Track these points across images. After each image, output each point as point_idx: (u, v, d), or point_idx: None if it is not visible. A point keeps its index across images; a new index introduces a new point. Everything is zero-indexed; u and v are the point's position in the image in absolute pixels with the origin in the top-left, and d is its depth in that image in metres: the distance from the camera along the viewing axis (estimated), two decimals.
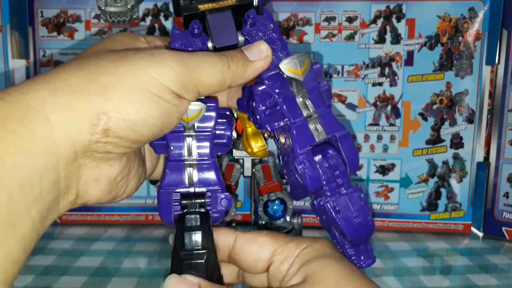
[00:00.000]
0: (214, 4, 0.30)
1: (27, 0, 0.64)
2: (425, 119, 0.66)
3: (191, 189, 0.30)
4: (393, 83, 0.66)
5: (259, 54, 0.29)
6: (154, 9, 0.64)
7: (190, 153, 0.30)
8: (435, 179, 0.66)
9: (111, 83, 0.25)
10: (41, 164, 0.23)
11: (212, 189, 0.30)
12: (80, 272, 0.50)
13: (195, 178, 0.30)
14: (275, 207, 0.53)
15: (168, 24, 0.65)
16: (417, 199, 0.66)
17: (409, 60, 0.65)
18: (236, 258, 0.30)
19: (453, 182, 0.66)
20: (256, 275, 0.31)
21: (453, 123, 0.66)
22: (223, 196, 0.30)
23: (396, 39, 0.65)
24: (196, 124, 0.30)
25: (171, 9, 0.65)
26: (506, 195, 0.63)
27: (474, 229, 0.66)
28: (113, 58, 0.26)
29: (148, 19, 0.64)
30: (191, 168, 0.30)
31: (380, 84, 0.66)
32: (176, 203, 0.30)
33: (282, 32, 0.65)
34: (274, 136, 0.31)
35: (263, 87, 0.29)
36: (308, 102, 0.29)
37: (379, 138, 0.66)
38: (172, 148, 0.30)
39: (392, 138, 0.66)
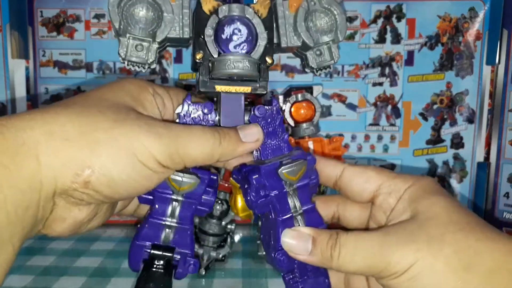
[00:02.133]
0: (231, 88, 0.32)
1: (26, 0, 0.64)
2: (425, 119, 0.66)
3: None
4: (393, 83, 0.65)
5: (251, 137, 0.32)
6: None
7: (172, 215, 0.32)
8: (436, 179, 0.66)
9: (104, 140, 0.27)
10: (26, 198, 0.25)
11: (183, 252, 0.32)
12: (79, 272, 0.50)
13: (171, 238, 0.32)
14: None
15: None
16: None
17: (410, 60, 0.65)
18: (342, 186, 0.34)
19: (454, 182, 0.66)
20: (355, 217, 0.35)
21: (454, 123, 0.65)
22: (192, 262, 0.32)
23: (397, 39, 0.65)
24: (185, 192, 0.32)
25: None
26: (507, 195, 0.63)
27: None
28: (113, 117, 0.28)
29: None
30: (169, 229, 0.32)
31: (381, 84, 0.66)
32: (146, 251, 0.32)
33: None
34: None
35: (260, 178, 0.32)
36: (297, 200, 0.33)
37: (380, 138, 0.66)
38: (157, 206, 0.32)
39: (393, 138, 0.66)
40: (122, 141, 0.27)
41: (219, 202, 0.51)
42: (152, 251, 0.31)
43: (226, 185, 0.53)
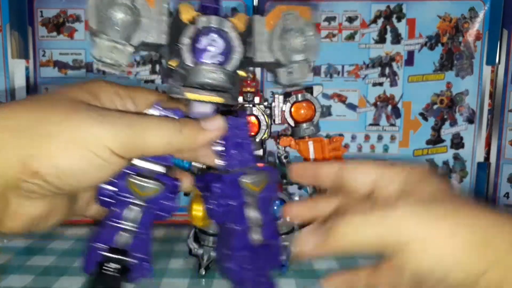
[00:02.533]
0: (202, 97, 0.32)
1: (26, 0, 0.64)
2: (425, 119, 0.66)
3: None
4: (393, 83, 0.65)
5: (213, 125, 0.32)
6: None
7: (131, 220, 0.32)
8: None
9: (54, 132, 0.27)
10: None
11: (139, 256, 0.32)
12: (79, 272, 0.49)
13: (127, 242, 0.32)
14: (275, 207, 0.53)
15: None
16: None
17: (410, 60, 0.65)
18: (340, 183, 0.33)
19: (454, 182, 0.66)
20: None
21: (454, 123, 0.65)
22: (147, 267, 0.32)
23: (397, 39, 0.65)
24: (147, 197, 0.32)
25: None
26: (507, 195, 0.63)
27: None
28: (64, 110, 0.28)
29: None
30: (126, 233, 0.32)
31: (381, 84, 0.65)
32: (101, 254, 0.31)
33: None
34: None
35: (222, 186, 0.32)
36: (257, 212, 0.33)
37: (380, 138, 0.66)
38: (116, 210, 0.32)
39: (393, 138, 0.66)
40: (71, 132, 0.27)
41: None
42: (106, 254, 0.31)
43: None
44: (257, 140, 0.52)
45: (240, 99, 0.52)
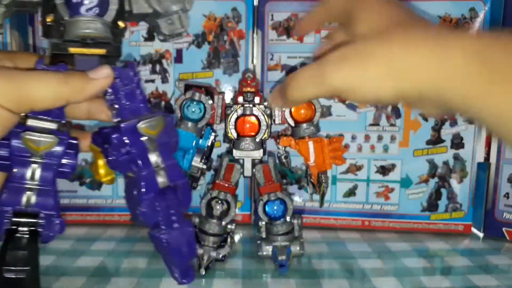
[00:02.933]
0: (84, 50, 0.32)
1: None
2: (425, 119, 0.65)
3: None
4: None
5: (99, 74, 0.32)
6: None
7: (32, 178, 0.32)
8: (436, 179, 0.66)
9: None
10: None
11: (48, 213, 0.32)
12: (79, 272, 0.50)
13: (33, 201, 0.32)
14: (275, 208, 0.53)
15: None
16: (418, 199, 0.66)
17: None
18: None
19: (454, 182, 0.66)
20: None
21: (454, 123, 0.65)
22: (58, 222, 0.33)
23: None
24: (44, 152, 0.32)
25: None
26: (507, 195, 0.63)
27: (474, 230, 0.66)
28: None
29: None
30: (31, 192, 0.32)
31: None
32: (7, 220, 0.31)
33: (283, 32, 0.65)
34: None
35: (120, 136, 0.33)
36: (158, 156, 0.34)
37: (380, 138, 0.66)
38: (15, 170, 0.31)
39: (393, 138, 0.66)
40: None
41: (219, 202, 0.51)
42: (14, 219, 0.31)
43: (226, 185, 0.53)
44: (257, 140, 0.52)
45: (240, 99, 0.52)
